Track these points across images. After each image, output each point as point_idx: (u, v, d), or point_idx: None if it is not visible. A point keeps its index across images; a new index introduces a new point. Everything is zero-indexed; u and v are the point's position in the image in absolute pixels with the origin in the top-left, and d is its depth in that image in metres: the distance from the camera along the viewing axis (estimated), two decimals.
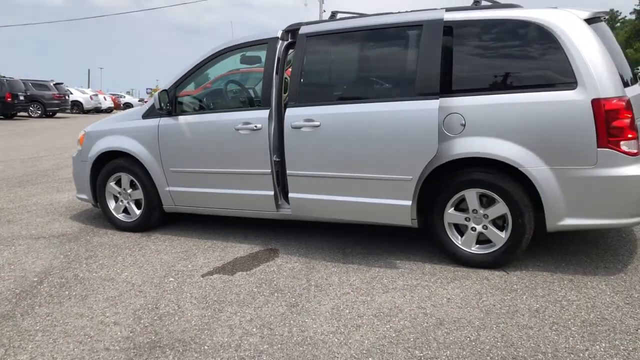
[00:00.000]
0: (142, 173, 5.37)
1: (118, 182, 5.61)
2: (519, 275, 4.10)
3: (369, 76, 4.55)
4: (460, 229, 4.31)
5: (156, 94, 5.10)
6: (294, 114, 4.50)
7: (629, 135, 3.75)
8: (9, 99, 25.57)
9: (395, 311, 3.60)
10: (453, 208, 4.26)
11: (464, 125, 4.05)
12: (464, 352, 3.05)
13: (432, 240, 4.46)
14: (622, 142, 3.75)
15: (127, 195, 5.58)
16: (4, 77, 26.62)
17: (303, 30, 4.67)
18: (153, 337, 3.36)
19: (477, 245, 4.25)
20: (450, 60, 4.16)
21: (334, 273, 4.31)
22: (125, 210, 5.64)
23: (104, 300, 3.94)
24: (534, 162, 3.90)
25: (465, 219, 4.24)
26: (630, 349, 3.03)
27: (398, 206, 4.25)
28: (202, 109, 5.25)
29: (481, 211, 4.16)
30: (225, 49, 5.06)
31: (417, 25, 4.20)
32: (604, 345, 3.08)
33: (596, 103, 3.73)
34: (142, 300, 3.92)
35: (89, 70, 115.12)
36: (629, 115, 3.74)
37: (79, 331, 3.47)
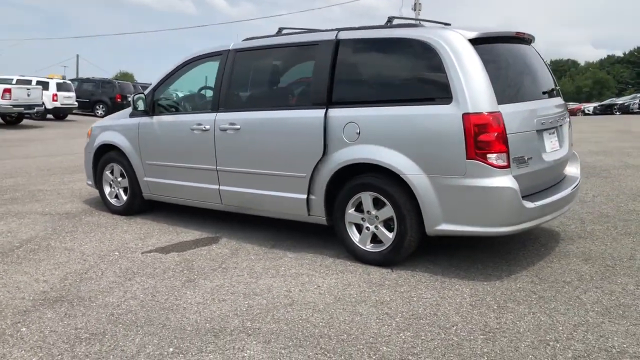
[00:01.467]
0: (127, 164, 6.25)
1: (113, 172, 6.53)
2: (400, 274, 4.44)
3: (279, 87, 5.25)
4: (360, 229, 4.73)
5: (133, 97, 5.99)
6: (222, 118, 5.22)
7: (497, 149, 4.01)
8: (118, 100, 28.29)
9: (264, 292, 4.11)
10: (353, 209, 4.69)
11: (359, 134, 4.50)
12: (286, 327, 3.52)
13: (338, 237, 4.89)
14: (488, 155, 4.02)
15: (117, 183, 6.48)
16: (117, 80, 29.48)
17: (232, 46, 5.39)
18: (62, 294, 4.13)
19: (372, 244, 4.64)
20: (346, 75, 4.65)
21: (248, 259, 4.87)
22: (117, 196, 6.54)
23: (52, 264, 4.78)
24: (414, 170, 4.26)
25: (362, 219, 4.66)
26: (429, 339, 3.35)
27: (296, 199, 4.85)
28: (173, 110, 6.03)
29: (374, 212, 4.56)
30: (190, 59, 5.84)
31: (314, 44, 4.78)
32: (408, 334, 3.42)
33: (466, 117, 4.04)
34: (79, 266, 4.72)
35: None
36: (497, 130, 4.00)
37: (15, 284, 4.31)
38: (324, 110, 4.67)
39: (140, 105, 5.95)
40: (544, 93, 4.75)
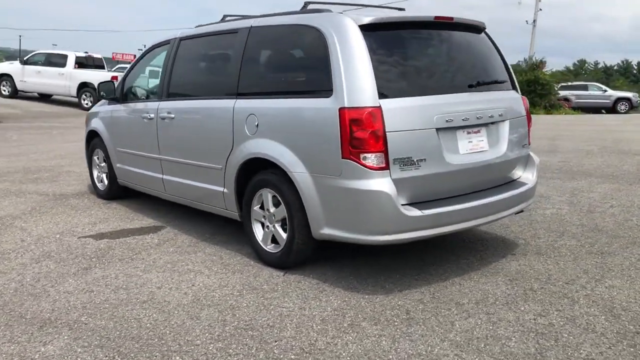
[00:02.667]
0: (106, 151, 6.45)
1: (98, 157, 6.78)
2: (289, 278, 4.14)
3: (205, 76, 5.02)
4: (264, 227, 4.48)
5: (99, 84, 6.14)
6: (162, 107, 5.20)
7: (372, 148, 3.58)
8: None
9: (135, 287, 4.04)
10: (258, 206, 4.45)
11: (257, 127, 4.25)
12: (111, 325, 3.44)
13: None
14: (362, 155, 3.61)
15: (101, 168, 6.71)
16: None
17: (180, 34, 5.27)
18: None
19: (272, 244, 4.38)
20: (251, 64, 4.40)
21: (164, 252, 4.81)
22: (102, 181, 6.79)
23: None
24: (300, 167, 3.94)
25: (263, 217, 4.41)
26: (237, 352, 3.09)
27: (215, 192, 4.74)
28: (135, 98, 6.09)
29: (272, 211, 4.30)
30: (150, 47, 5.86)
31: (234, 32, 4.55)
32: (220, 345, 3.19)
33: (342, 112, 3.66)
34: (11, 246, 4.95)
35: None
36: (373, 127, 3.57)
37: None
38: (234, 101, 4.46)
39: (107, 93, 6.08)
40: (471, 86, 4.15)
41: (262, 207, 4.41)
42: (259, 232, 4.45)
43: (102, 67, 23.38)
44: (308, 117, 3.87)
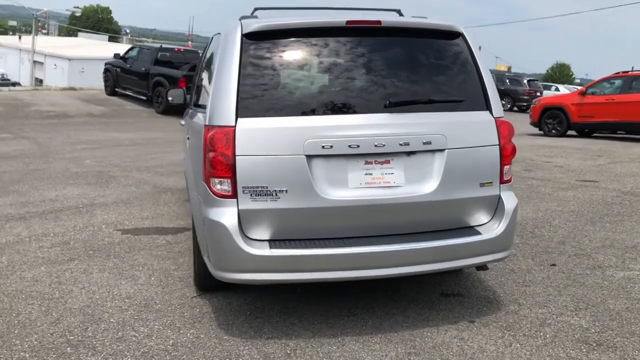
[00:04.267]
0: None
1: None
2: (206, 300, 3.97)
3: None
4: None
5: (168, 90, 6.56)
6: None
7: (219, 173, 3.23)
8: None
9: (57, 284, 4.33)
10: None
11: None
12: None
13: None
14: (212, 179, 3.27)
15: None
16: None
17: None
18: None
19: None
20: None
21: (138, 254, 5.01)
22: None
23: (42, 226, 5.90)
24: (193, 188, 3.78)
25: None
26: None
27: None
28: None
29: None
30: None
31: None
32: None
33: (205, 130, 3.39)
34: (41, 230, 5.71)
35: None
36: (222, 150, 3.21)
37: None
38: None
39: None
40: (388, 106, 3.36)
41: None
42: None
43: None
44: (195, 132, 3.62)
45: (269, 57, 3.34)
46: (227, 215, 3.17)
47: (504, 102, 29.98)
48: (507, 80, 30.67)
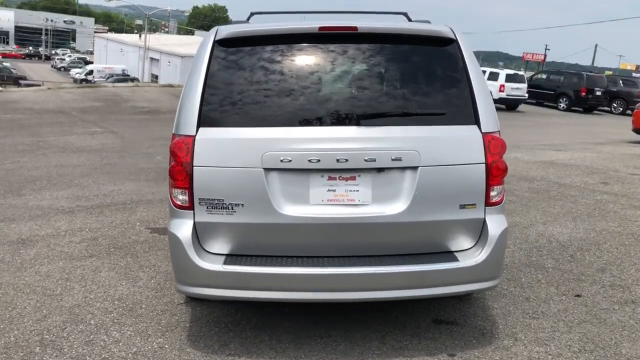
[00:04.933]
0: None
1: None
2: (180, 309, 3.98)
3: None
4: None
5: None
6: None
7: (178, 183, 3.19)
8: (583, 93, 26.64)
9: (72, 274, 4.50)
10: None
11: None
12: None
13: None
14: (172, 190, 3.25)
15: None
16: (588, 72, 27.72)
17: None
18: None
19: None
20: None
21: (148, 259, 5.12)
22: None
23: (95, 219, 6.20)
24: None
25: None
26: None
27: None
28: None
29: None
30: None
31: None
32: None
33: (172, 138, 3.37)
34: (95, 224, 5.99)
35: None
36: (182, 159, 3.15)
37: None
38: None
39: None
40: (355, 119, 3.13)
41: None
42: None
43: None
44: None
45: (238, 64, 3.24)
46: (182, 228, 3.11)
47: (615, 105, 27.89)
48: (621, 82, 28.48)
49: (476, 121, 3.18)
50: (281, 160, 3.03)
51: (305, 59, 3.25)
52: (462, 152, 3.12)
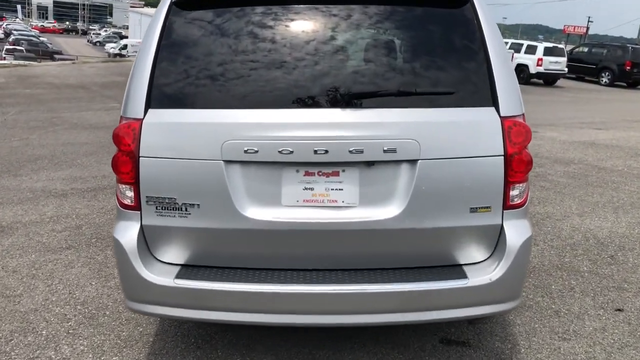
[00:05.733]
0: None
1: None
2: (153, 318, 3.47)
3: None
4: None
5: None
6: None
7: (122, 177, 2.62)
8: (627, 67, 25.25)
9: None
10: None
11: None
12: None
13: None
14: (119, 186, 2.68)
15: None
16: (634, 45, 26.23)
17: None
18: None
19: None
20: None
21: None
22: None
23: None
24: None
25: None
26: None
27: None
28: None
29: None
30: None
31: None
32: None
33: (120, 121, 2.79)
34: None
35: None
36: (127, 147, 2.57)
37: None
38: None
39: None
40: (337, 99, 2.49)
41: None
42: None
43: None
44: None
45: (200, 31, 2.63)
46: (127, 232, 2.55)
47: None
48: None
49: (494, 102, 2.51)
50: (245, 151, 2.43)
51: (282, 26, 2.61)
52: (474, 141, 2.47)
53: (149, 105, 2.52)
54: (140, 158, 2.49)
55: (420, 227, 2.47)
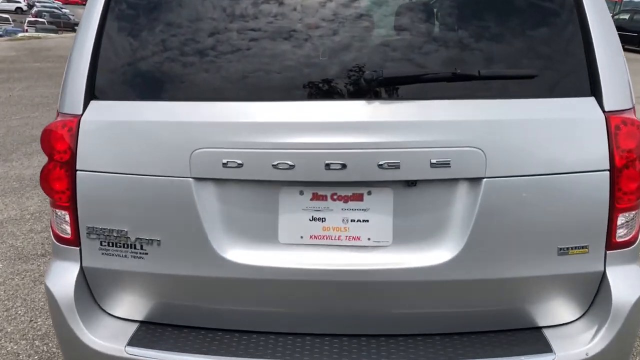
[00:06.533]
0: None
1: None
2: None
3: None
4: None
5: None
6: None
7: (55, 197, 1.85)
8: None
9: None
10: None
11: None
12: None
13: None
14: (52, 210, 1.92)
15: None
16: None
17: None
18: None
19: None
20: None
21: None
22: None
23: None
24: None
25: None
26: None
27: None
28: None
29: None
30: None
31: None
32: None
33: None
34: None
35: None
36: (60, 157, 1.81)
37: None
38: None
39: None
40: (365, 87, 1.66)
41: None
42: None
43: None
44: None
45: (160, 6, 1.80)
46: (61, 277, 1.80)
47: None
48: None
49: (594, 90, 1.66)
50: (224, 164, 1.63)
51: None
52: (565, 150, 1.64)
53: (90, 95, 1.73)
54: (78, 172, 1.70)
55: (483, 278, 1.66)
